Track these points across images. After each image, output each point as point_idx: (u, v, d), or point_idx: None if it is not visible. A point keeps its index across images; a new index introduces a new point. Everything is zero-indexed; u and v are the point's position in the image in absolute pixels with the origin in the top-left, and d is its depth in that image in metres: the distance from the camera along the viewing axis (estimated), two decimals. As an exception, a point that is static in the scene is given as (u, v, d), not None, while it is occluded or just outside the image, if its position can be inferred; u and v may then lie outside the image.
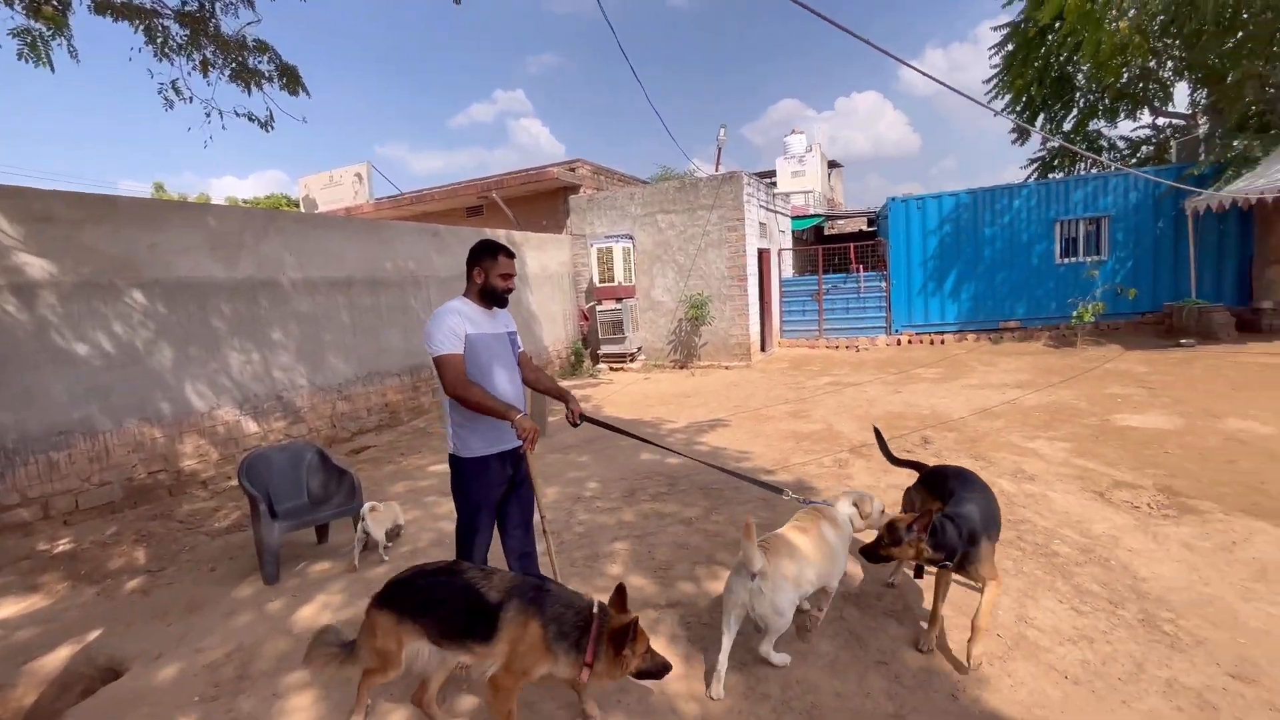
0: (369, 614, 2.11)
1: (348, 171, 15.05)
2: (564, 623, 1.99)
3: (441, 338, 2.43)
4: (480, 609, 2.00)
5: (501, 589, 2.05)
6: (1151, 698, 2.15)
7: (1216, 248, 10.60)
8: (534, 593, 2.05)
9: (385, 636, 2.05)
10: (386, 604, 2.09)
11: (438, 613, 2.05)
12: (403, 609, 2.06)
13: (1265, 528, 3.41)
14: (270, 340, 6.34)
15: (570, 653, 1.97)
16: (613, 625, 1.98)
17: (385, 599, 2.11)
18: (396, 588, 2.13)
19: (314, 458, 4.10)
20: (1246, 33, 10.36)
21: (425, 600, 2.07)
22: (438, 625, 2.05)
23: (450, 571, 2.17)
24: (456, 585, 2.08)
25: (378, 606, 2.10)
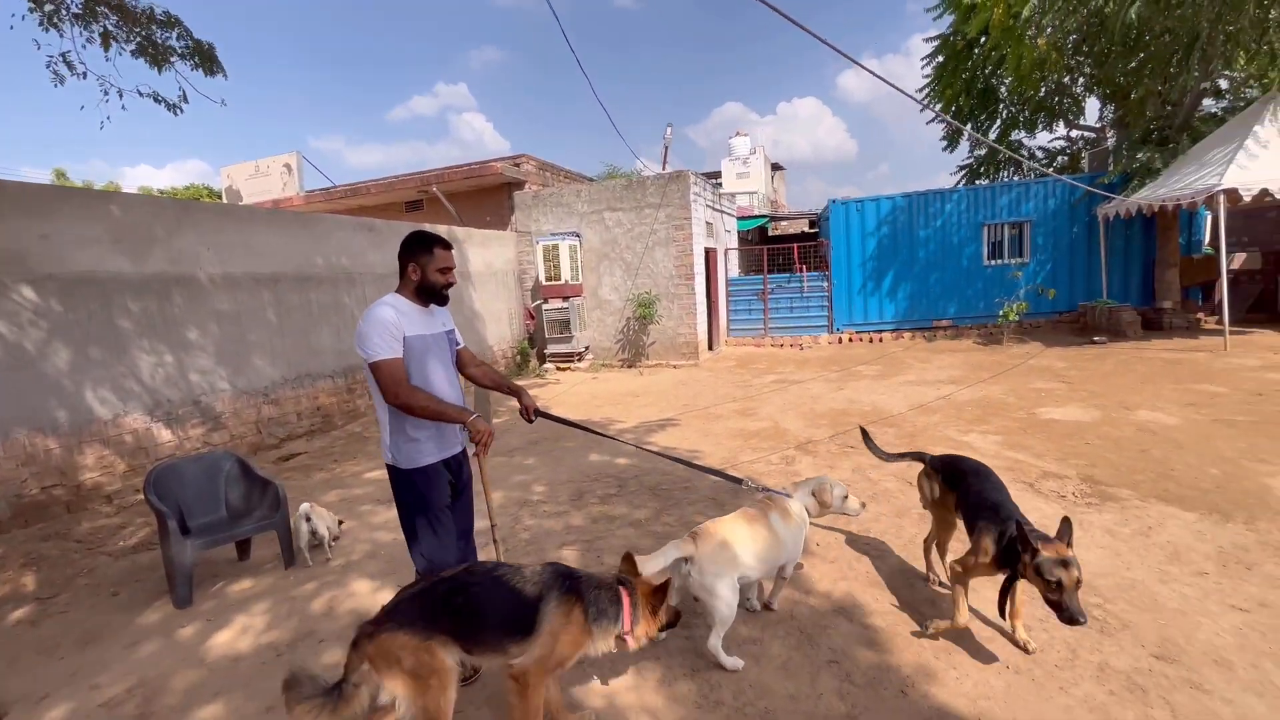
0: (382, 640, 1.79)
1: (275, 161, 14.20)
2: (600, 602, 2.01)
3: (378, 341, 2.20)
4: (520, 605, 1.93)
5: (537, 581, 1.99)
6: (1086, 683, 2.23)
7: (1124, 252, 11.44)
8: (569, 580, 2.02)
9: (415, 655, 1.80)
10: (406, 623, 1.82)
11: (473, 619, 1.90)
12: (430, 623, 1.84)
13: (1176, 512, 3.64)
14: (186, 341, 5.86)
15: (608, 629, 2.01)
16: (650, 587, 2.09)
17: (405, 617, 1.84)
18: (416, 601, 1.89)
19: (233, 468, 3.79)
20: (1148, 54, 11.20)
21: (455, 608, 1.89)
22: (473, 632, 1.90)
23: (474, 574, 2.02)
24: (489, 586, 1.96)
25: (398, 628, 1.82)
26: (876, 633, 2.62)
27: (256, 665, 2.65)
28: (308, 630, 2.92)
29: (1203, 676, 2.23)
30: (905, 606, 2.81)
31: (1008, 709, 2.12)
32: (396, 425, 2.32)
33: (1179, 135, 10.81)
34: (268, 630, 2.95)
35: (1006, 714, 2.10)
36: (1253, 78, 11.13)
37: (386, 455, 2.38)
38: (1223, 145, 9.05)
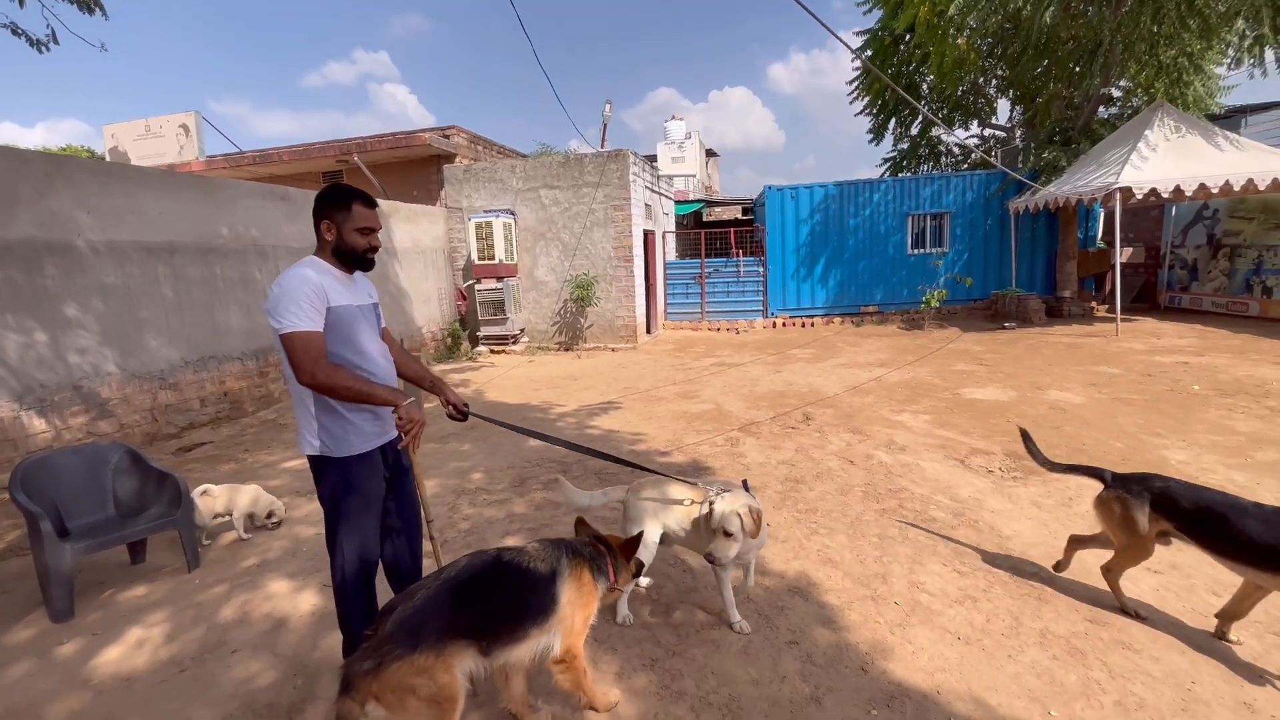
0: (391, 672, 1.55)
1: (170, 121, 12.77)
2: (596, 559, 2.04)
3: (293, 309, 1.87)
4: (537, 585, 1.85)
5: (542, 557, 1.92)
6: (1031, 650, 2.31)
7: (1031, 243, 12.28)
8: (568, 546, 2.01)
9: (438, 674, 1.60)
10: (417, 639, 1.60)
11: (493, 612, 1.75)
12: (444, 631, 1.64)
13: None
14: (62, 317, 5.13)
15: (604, 583, 2.04)
16: (623, 541, 2.16)
17: (414, 632, 1.60)
18: (423, 609, 1.65)
19: (122, 459, 3.32)
20: (1055, 59, 12.00)
21: (471, 605, 1.72)
22: (492, 627, 1.74)
23: (479, 564, 1.84)
24: (502, 573, 1.83)
25: (409, 649, 1.57)
26: (833, 610, 2.62)
27: (156, 684, 2.31)
28: (217, 640, 2.59)
29: (1131, 637, 2.36)
30: (857, 582, 2.83)
31: (963, 680, 2.16)
32: (324, 405, 2.00)
33: (1080, 137, 11.66)
34: (168, 642, 2.59)
35: (962, 685, 2.13)
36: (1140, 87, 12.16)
37: (310, 444, 2.02)
38: (1118, 147, 9.83)
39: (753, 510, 2.36)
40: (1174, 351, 7.74)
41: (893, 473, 4.21)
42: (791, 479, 4.19)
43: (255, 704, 2.18)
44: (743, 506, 2.35)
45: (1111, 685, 2.11)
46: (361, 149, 10.74)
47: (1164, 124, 9.51)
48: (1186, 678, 2.13)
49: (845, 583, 2.84)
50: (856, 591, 2.75)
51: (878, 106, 16.58)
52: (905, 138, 17.34)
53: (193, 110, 12.82)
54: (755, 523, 2.35)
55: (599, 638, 2.48)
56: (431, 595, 1.69)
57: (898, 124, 17.19)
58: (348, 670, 1.58)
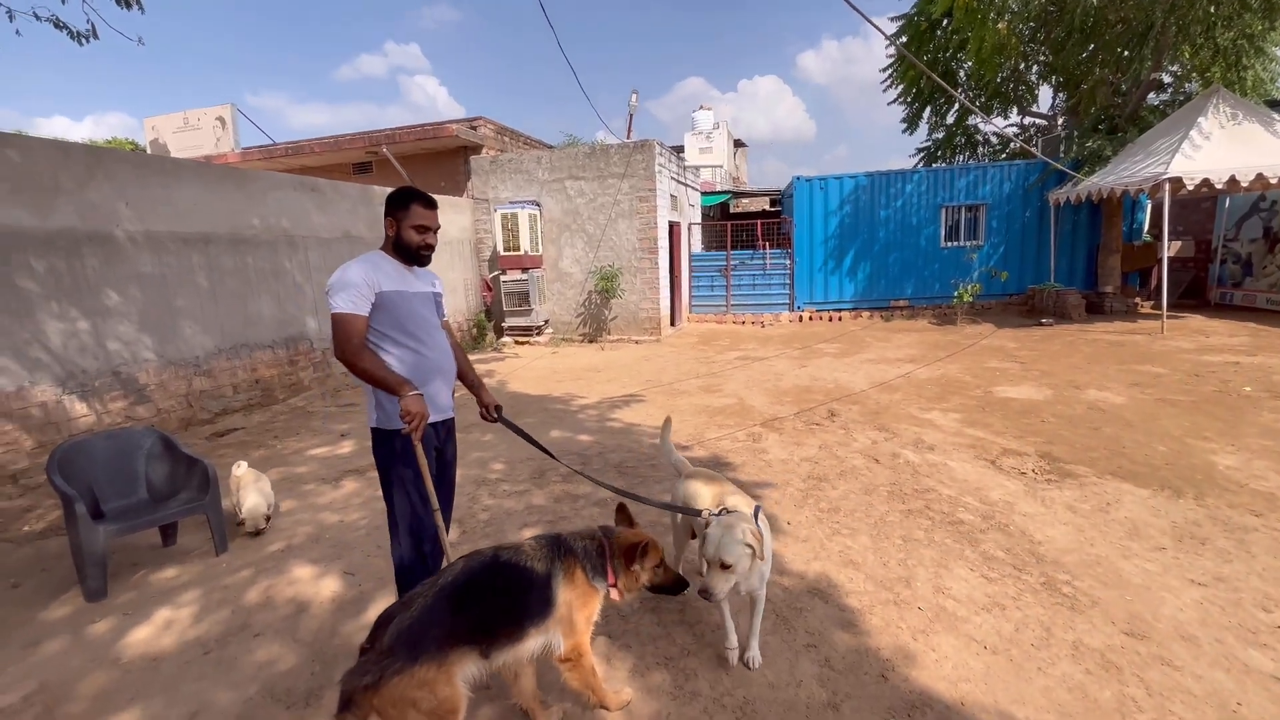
0: (393, 686, 1.52)
1: (208, 114, 13.09)
2: (590, 555, 1.95)
3: (340, 293, 2.11)
4: (533, 584, 1.82)
5: (538, 556, 1.88)
6: (1063, 663, 2.21)
7: (1071, 236, 11.82)
8: (562, 544, 1.95)
9: (440, 687, 1.57)
10: (415, 654, 1.57)
11: (492, 614, 1.74)
12: (445, 638, 1.62)
13: (1131, 489, 3.72)
14: (103, 306, 5.30)
15: (602, 582, 1.95)
16: (622, 542, 1.98)
17: (415, 642, 1.57)
18: (423, 617, 1.63)
19: (155, 444, 3.41)
20: (1102, 42, 11.47)
21: (470, 607, 1.71)
22: (492, 629, 1.73)
23: (476, 565, 1.82)
24: (498, 573, 1.81)
25: (411, 661, 1.55)
26: (853, 613, 2.55)
27: (180, 665, 2.37)
28: (241, 623, 2.64)
29: (1172, 653, 2.24)
30: (879, 585, 2.76)
31: (989, 691, 2.07)
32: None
33: (1127, 125, 11.15)
34: (195, 624, 2.66)
35: (988, 696, 2.05)
36: (1195, 71, 11.55)
37: (371, 416, 2.25)
38: (1168, 136, 9.35)
39: (754, 533, 2.05)
40: (1224, 351, 7.37)
41: (920, 472, 4.09)
42: (814, 477, 4.10)
43: (274, 688, 2.22)
44: (744, 532, 2.01)
45: (1149, 704, 2.00)
46: (390, 140, 10.85)
47: (1219, 110, 9.01)
48: (1232, 698, 2.01)
49: (867, 585, 2.76)
50: (878, 595, 2.68)
51: (912, 94, 16.12)
52: (940, 127, 16.85)
53: (229, 103, 13.12)
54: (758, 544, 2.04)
55: (612, 634, 2.45)
56: (429, 603, 1.66)
57: (933, 112, 16.69)
58: (347, 686, 1.53)
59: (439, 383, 2.32)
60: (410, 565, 2.28)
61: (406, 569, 2.28)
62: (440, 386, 2.32)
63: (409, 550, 2.28)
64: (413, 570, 2.27)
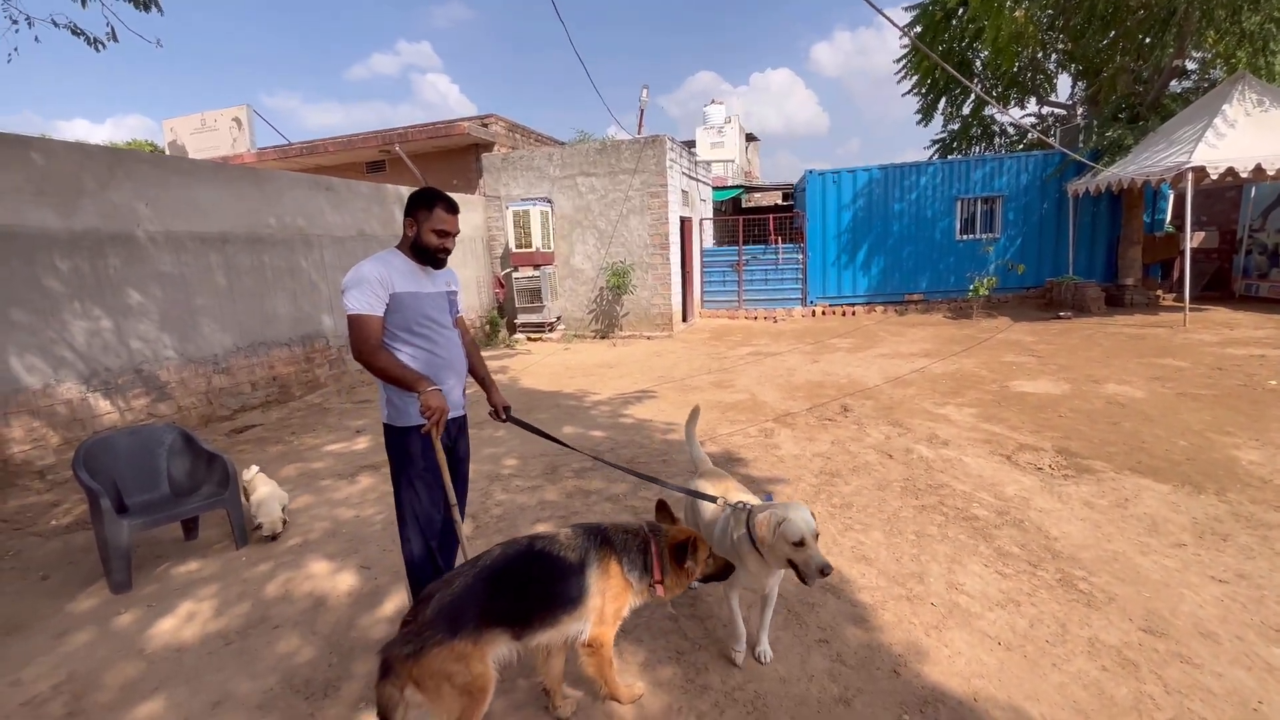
0: (432, 656, 1.59)
1: (224, 115, 13.28)
2: (631, 551, 1.97)
3: (355, 294, 2.13)
4: (568, 573, 1.86)
5: (575, 546, 1.92)
6: (1078, 659, 2.19)
7: (1091, 228, 11.60)
8: (600, 535, 1.98)
9: (474, 663, 1.64)
10: (454, 628, 1.64)
11: (527, 599, 1.80)
12: (481, 618, 1.69)
13: (1150, 484, 3.66)
14: (125, 304, 5.41)
15: (643, 578, 1.97)
16: (671, 540, 1.99)
17: (453, 619, 1.65)
18: (462, 596, 1.70)
19: (176, 441, 3.49)
20: (1123, 29, 11.22)
21: (507, 592, 1.78)
22: (527, 614, 1.79)
23: (513, 552, 1.87)
24: (534, 560, 1.85)
25: (450, 635, 1.62)
26: (865, 609, 2.54)
27: (203, 656, 2.43)
28: (261, 616, 2.70)
29: (1191, 650, 2.21)
30: (892, 581, 2.75)
31: (1003, 688, 2.06)
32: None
33: (1149, 113, 10.91)
34: (216, 616, 2.72)
35: (1002, 693, 2.04)
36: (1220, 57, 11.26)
37: (383, 412, 2.29)
38: (1191, 124, 9.14)
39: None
40: (1249, 344, 7.21)
41: (934, 468, 4.06)
42: (827, 472, 4.09)
43: (293, 679, 2.26)
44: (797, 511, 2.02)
45: (1167, 701, 1.98)
46: (403, 139, 10.93)
47: (1245, 97, 8.79)
48: (1253, 697, 1.98)
49: (880, 581, 2.75)
50: (891, 590, 2.67)
51: (927, 85, 15.86)
52: (956, 118, 16.58)
53: (244, 104, 13.29)
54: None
55: (624, 629, 2.47)
56: (469, 583, 1.74)
57: (948, 103, 16.43)
58: (388, 654, 1.60)
59: (451, 380, 2.34)
60: (422, 561, 2.30)
61: (418, 565, 2.31)
62: (453, 384, 2.35)
63: (420, 546, 2.30)
64: (424, 566, 2.30)
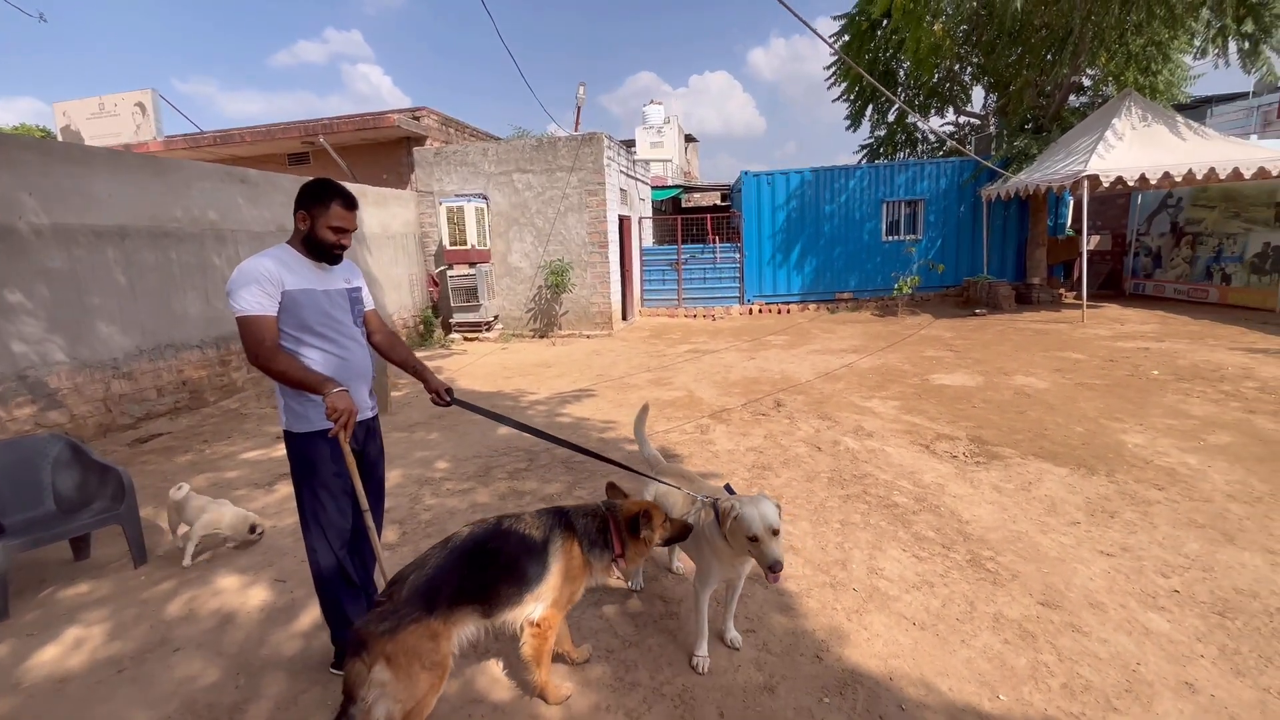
0: (409, 633, 1.62)
1: (126, 99, 12.25)
2: (590, 531, 2.03)
3: (244, 294, 1.96)
4: (532, 553, 1.91)
5: (539, 525, 1.98)
6: (984, 634, 2.33)
7: (1002, 231, 12.43)
8: (564, 518, 2.04)
9: (437, 643, 1.67)
10: (430, 606, 1.68)
11: (496, 578, 1.84)
12: (452, 600, 1.73)
13: (1051, 468, 3.95)
14: (5, 304, 4.90)
15: (602, 555, 2.03)
16: (626, 514, 2.06)
17: (428, 597, 1.68)
18: (437, 576, 1.74)
19: (63, 452, 3.19)
20: (1027, 46, 12.07)
21: (479, 570, 1.82)
22: (495, 592, 1.83)
23: (483, 532, 1.92)
24: (503, 540, 1.90)
25: (425, 613, 1.66)
26: (791, 597, 2.62)
27: (90, 685, 2.23)
28: (160, 639, 2.50)
29: (1081, 620, 2.40)
30: (817, 569, 2.84)
31: (916, 665, 2.17)
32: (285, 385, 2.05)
33: (1051, 124, 11.78)
34: (109, 642, 2.50)
35: (915, 670, 2.14)
36: (1110, 75, 12.30)
37: (281, 419, 2.14)
38: (1086, 135, 9.94)
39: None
40: (1136, 337, 7.91)
41: (859, 459, 4.24)
42: (759, 466, 4.19)
43: (195, 705, 2.11)
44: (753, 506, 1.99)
45: (1059, 668, 2.14)
46: (328, 130, 10.42)
47: (1131, 113, 9.63)
48: (1132, 659, 2.17)
49: (805, 570, 2.84)
50: (816, 578, 2.76)
51: (855, 93, 16.55)
52: (882, 124, 17.35)
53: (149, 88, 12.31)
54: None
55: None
56: (442, 563, 1.78)
57: (875, 110, 17.19)
58: (362, 631, 1.62)
59: (357, 382, 2.19)
60: (330, 573, 2.15)
61: (326, 577, 2.16)
62: (358, 385, 2.19)
63: (328, 557, 2.14)
64: (333, 578, 2.16)
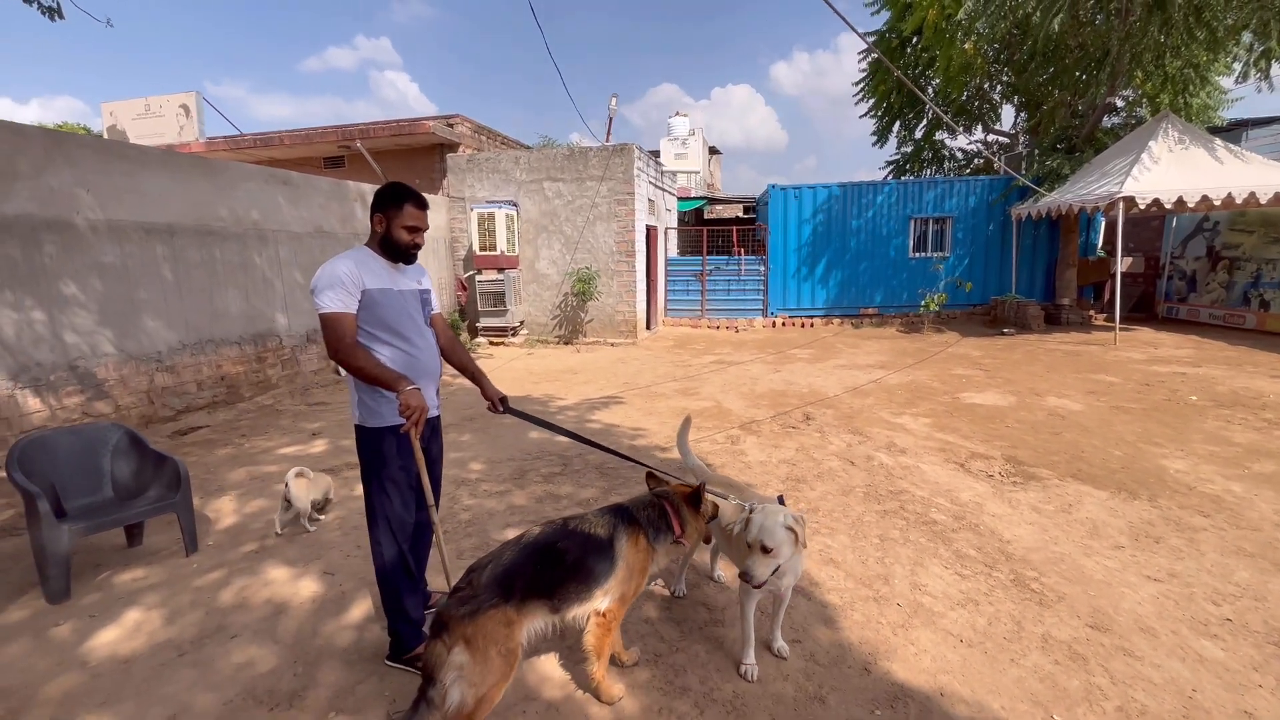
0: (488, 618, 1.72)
1: (170, 101, 12.64)
2: (654, 519, 2.14)
3: (327, 293, 2.07)
4: (600, 549, 2.01)
5: (604, 524, 2.08)
6: (1033, 654, 2.31)
7: (1031, 250, 12.31)
8: (625, 513, 2.14)
9: (511, 630, 1.78)
10: (507, 595, 1.78)
11: (565, 573, 1.93)
12: (525, 592, 1.83)
13: (1090, 491, 3.91)
14: (61, 295, 5.08)
15: (664, 541, 2.14)
16: (685, 492, 2.20)
17: (505, 587, 1.79)
18: (513, 568, 1.84)
19: (121, 441, 3.29)
20: (1061, 66, 12.01)
21: (550, 566, 1.91)
22: (563, 586, 1.92)
23: (551, 532, 2.02)
24: (571, 538, 2.00)
25: (503, 600, 1.76)
26: (835, 610, 2.62)
27: (154, 667, 2.30)
28: (216, 625, 2.57)
29: (1133, 644, 2.37)
30: (859, 583, 2.84)
31: (966, 683, 2.16)
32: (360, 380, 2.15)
33: (1084, 145, 11.67)
34: (166, 626, 2.57)
35: (965, 688, 2.14)
36: (1146, 96, 12.18)
37: (354, 413, 2.24)
38: (1122, 157, 9.84)
39: (797, 518, 2.12)
40: (1171, 362, 7.78)
41: (893, 474, 4.22)
42: (793, 478, 4.19)
43: (255, 690, 2.17)
44: (789, 518, 2.09)
45: (1114, 691, 2.11)
46: (365, 135, 10.66)
47: (1168, 135, 9.53)
48: (1188, 685, 2.14)
49: (848, 583, 2.84)
50: (859, 592, 2.76)
51: (883, 109, 16.56)
52: (909, 141, 17.33)
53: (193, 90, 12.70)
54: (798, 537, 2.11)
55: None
56: (516, 557, 1.89)
57: (902, 127, 17.17)
58: (445, 614, 1.73)
59: (426, 380, 2.29)
60: (394, 565, 2.24)
61: (390, 569, 2.24)
62: (427, 383, 2.30)
63: (392, 550, 2.24)
64: (397, 570, 2.24)
